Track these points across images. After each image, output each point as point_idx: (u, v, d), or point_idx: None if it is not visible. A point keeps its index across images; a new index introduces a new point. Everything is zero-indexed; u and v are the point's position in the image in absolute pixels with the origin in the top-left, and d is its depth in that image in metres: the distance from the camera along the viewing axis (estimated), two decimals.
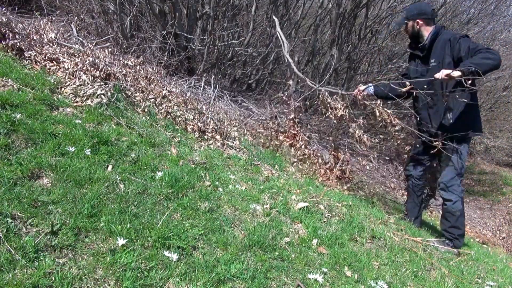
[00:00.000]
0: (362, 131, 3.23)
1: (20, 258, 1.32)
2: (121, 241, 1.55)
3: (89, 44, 3.52)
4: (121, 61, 3.67)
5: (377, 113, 3.07)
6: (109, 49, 3.74)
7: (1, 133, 1.90)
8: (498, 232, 6.98)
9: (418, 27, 2.93)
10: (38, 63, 2.93)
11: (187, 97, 3.82)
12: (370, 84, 3.23)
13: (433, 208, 4.58)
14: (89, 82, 2.83)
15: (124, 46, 4.54)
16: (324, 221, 2.49)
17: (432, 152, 2.95)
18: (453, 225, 2.89)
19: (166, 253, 1.61)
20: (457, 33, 2.91)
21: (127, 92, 3.12)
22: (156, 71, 4.09)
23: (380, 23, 7.13)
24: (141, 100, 3.23)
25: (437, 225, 3.88)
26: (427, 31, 2.91)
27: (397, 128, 3.07)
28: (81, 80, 2.84)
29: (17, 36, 3.02)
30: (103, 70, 3.03)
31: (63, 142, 2.08)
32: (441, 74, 2.53)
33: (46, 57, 3.01)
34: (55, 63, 3.00)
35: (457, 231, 2.90)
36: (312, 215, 2.49)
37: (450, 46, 2.76)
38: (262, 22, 6.85)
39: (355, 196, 3.37)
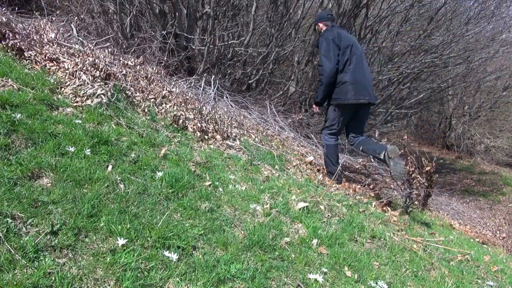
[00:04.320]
0: None
1: (20, 258, 1.32)
2: (121, 241, 1.55)
3: (89, 44, 3.52)
4: (121, 61, 3.67)
5: None
6: (109, 49, 3.74)
7: (1, 133, 1.90)
8: (498, 232, 6.96)
9: None
10: (38, 63, 2.93)
11: (187, 97, 3.82)
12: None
13: (433, 208, 4.59)
14: (89, 82, 2.83)
15: (124, 46, 4.54)
16: (324, 221, 2.49)
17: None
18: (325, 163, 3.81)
19: (166, 253, 1.61)
20: None
21: (127, 92, 3.12)
22: (156, 71, 4.09)
23: (380, 23, 7.12)
24: (141, 100, 3.23)
25: (437, 225, 3.87)
26: None
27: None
28: (81, 80, 2.84)
29: (17, 36, 3.02)
30: (103, 70, 3.03)
31: (63, 142, 2.08)
32: None
33: (46, 57, 3.01)
34: (55, 63, 3.00)
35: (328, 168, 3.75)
36: (312, 215, 2.49)
37: None
38: (262, 22, 6.84)
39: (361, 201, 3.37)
